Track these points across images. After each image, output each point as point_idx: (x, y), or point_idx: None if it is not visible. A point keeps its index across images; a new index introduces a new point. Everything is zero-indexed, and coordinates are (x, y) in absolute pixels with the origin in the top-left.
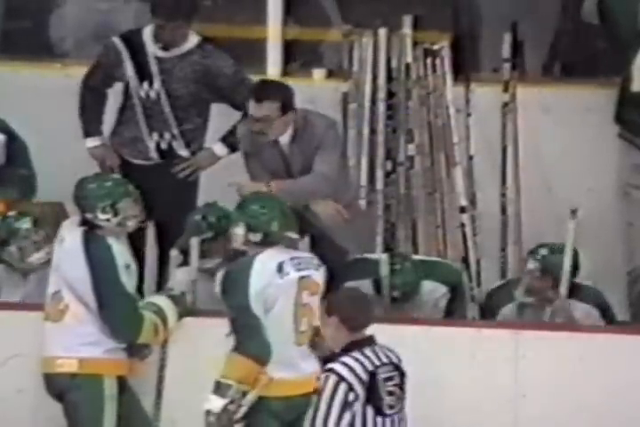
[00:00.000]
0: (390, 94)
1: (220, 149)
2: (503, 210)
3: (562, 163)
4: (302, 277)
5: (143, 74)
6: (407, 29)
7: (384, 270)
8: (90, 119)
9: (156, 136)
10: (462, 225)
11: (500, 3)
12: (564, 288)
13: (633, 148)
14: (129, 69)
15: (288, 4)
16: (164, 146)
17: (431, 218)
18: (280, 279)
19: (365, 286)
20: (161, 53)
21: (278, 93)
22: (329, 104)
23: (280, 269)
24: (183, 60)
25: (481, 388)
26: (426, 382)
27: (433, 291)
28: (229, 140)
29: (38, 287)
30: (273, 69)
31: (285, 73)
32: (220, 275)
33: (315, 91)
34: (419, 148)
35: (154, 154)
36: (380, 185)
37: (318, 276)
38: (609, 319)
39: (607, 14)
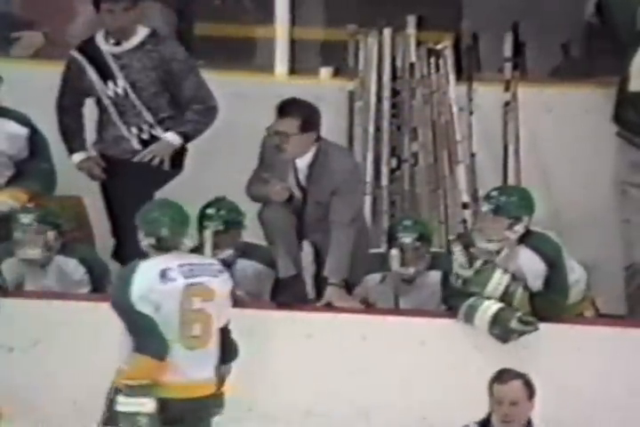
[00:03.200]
0: (395, 93)
1: (172, 137)
2: None
3: (561, 160)
4: (191, 284)
5: (106, 75)
6: (411, 29)
7: (394, 264)
8: (72, 137)
9: (134, 130)
10: (464, 221)
11: (501, 3)
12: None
13: (631, 146)
14: (92, 75)
15: (295, 3)
16: (145, 137)
17: (434, 214)
18: (163, 285)
19: (375, 279)
20: (116, 50)
21: (300, 111)
22: (335, 102)
23: (163, 275)
24: (138, 51)
25: (485, 380)
26: (430, 374)
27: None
28: (181, 131)
29: (59, 282)
30: (281, 68)
31: (293, 72)
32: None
33: (321, 89)
34: (422, 145)
35: (137, 146)
36: (384, 181)
37: (216, 282)
38: (555, 278)
39: (606, 15)
